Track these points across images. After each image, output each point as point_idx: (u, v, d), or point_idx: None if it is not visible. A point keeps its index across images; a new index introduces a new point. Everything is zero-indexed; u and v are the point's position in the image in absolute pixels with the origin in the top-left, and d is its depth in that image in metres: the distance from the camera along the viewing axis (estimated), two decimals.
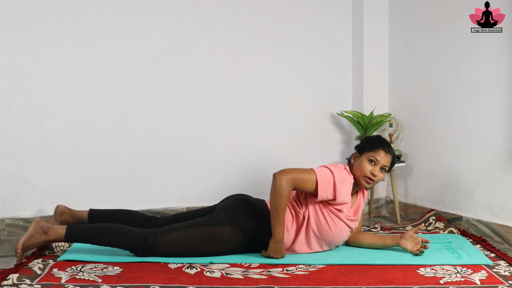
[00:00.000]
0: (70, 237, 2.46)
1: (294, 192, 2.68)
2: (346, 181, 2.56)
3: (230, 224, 2.53)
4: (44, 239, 2.44)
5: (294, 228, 2.58)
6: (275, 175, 2.50)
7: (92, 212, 2.80)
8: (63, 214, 2.79)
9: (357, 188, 2.69)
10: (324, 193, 2.51)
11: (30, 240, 2.42)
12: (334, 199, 2.53)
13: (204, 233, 2.50)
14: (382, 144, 2.64)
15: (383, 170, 2.63)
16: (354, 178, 2.63)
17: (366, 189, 2.77)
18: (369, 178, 2.60)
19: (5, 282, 2.11)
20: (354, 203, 2.70)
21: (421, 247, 2.58)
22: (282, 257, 2.51)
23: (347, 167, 2.66)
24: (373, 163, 2.61)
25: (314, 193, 2.54)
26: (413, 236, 2.61)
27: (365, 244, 2.73)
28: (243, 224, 2.54)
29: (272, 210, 2.49)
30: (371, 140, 2.68)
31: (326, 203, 2.56)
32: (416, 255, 2.57)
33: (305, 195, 2.62)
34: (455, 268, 2.37)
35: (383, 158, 2.61)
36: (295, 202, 2.63)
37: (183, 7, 3.40)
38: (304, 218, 2.58)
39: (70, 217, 2.79)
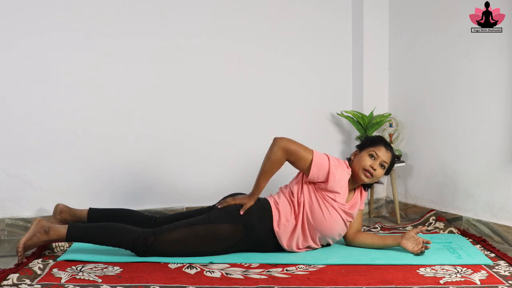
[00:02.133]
0: (71, 237, 2.46)
1: (292, 183, 2.68)
2: (341, 169, 2.59)
3: (230, 221, 2.53)
4: (45, 238, 2.44)
5: (293, 217, 2.59)
6: (275, 140, 2.56)
7: (92, 211, 2.80)
8: (62, 213, 2.80)
9: (354, 185, 2.70)
10: (316, 172, 2.53)
11: (32, 239, 2.42)
12: (326, 181, 2.54)
13: (205, 231, 2.50)
14: (383, 141, 2.70)
15: (383, 167, 2.66)
16: (353, 173, 2.65)
17: (365, 189, 2.77)
18: (368, 172, 2.62)
19: (5, 282, 2.11)
20: (350, 199, 2.71)
21: (422, 247, 2.58)
22: (243, 205, 2.55)
23: (347, 163, 2.69)
24: (373, 158, 2.65)
25: (306, 172, 2.56)
26: (414, 237, 2.61)
27: (366, 244, 2.73)
28: (244, 220, 2.54)
29: (260, 170, 2.58)
30: (372, 138, 2.75)
31: (319, 188, 2.57)
32: (417, 255, 2.57)
33: (301, 182, 2.62)
34: (455, 268, 2.37)
35: (383, 154, 2.65)
36: (291, 191, 2.64)
37: (183, 7, 3.40)
38: (299, 204, 2.58)
39: (70, 216, 2.79)
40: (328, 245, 2.74)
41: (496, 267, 2.39)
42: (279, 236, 2.58)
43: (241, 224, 2.54)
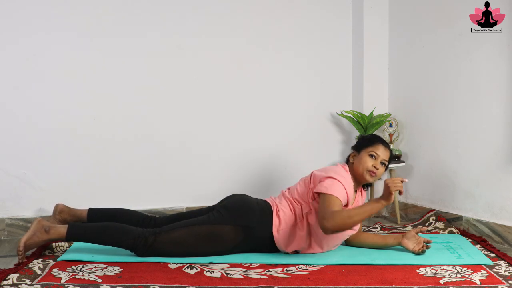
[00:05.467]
0: (71, 236, 2.46)
1: (295, 192, 2.67)
2: (350, 185, 2.58)
3: (231, 222, 2.53)
4: (45, 238, 2.44)
5: (294, 225, 2.58)
6: (326, 226, 2.37)
7: (92, 211, 2.81)
8: (62, 213, 2.80)
9: (358, 186, 2.71)
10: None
11: (32, 239, 2.43)
12: (347, 205, 2.56)
13: (205, 232, 2.50)
14: (380, 139, 2.70)
15: (383, 165, 2.66)
16: (356, 175, 2.65)
17: (364, 189, 2.77)
18: (371, 172, 2.62)
19: (5, 282, 2.11)
20: (353, 202, 2.71)
21: (422, 246, 2.58)
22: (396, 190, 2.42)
23: (346, 167, 2.68)
24: (373, 157, 2.64)
25: None
26: (415, 236, 2.62)
27: (366, 243, 2.73)
28: (244, 222, 2.54)
29: (359, 218, 2.40)
30: (368, 137, 2.74)
31: None
32: (418, 254, 2.57)
33: (307, 194, 2.61)
34: (455, 268, 2.38)
35: (382, 152, 2.65)
36: (295, 201, 2.63)
37: (183, 7, 3.39)
38: (303, 216, 2.57)
39: (69, 216, 2.80)
40: None
41: (496, 267, 2.39)
42: (278, 242, 2.57)
43: (241, 226, 2.54)
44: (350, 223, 2.36)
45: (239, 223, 2.54)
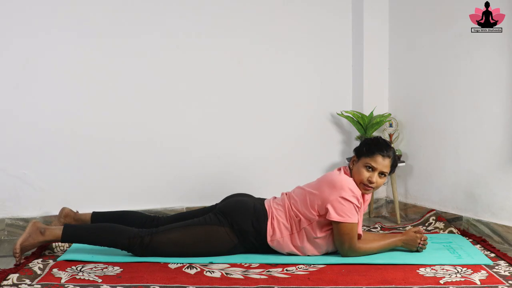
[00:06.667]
0: (66, 238, 2.47)
1: (295, 203, 2.57)
2: (359, 195, 2.50)
3: (225, 225, 2.52)
4: (41, 239, 2.45)
5: (290, 235, 2.55)
6: (348, 255, 2.51)
7: (95, 214, 2.80)
8: (67, 217, 2.81)
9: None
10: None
11: (28, 240, 2.43)
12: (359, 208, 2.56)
13: (201, 233, 2.50)
14: (379, 148, 2.53)
15: (383, 175, 2.54)
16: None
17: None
18: (367, 186, 2.52)
19: (5, 282, 2.11)
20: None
21: (424, 238, 2.61)
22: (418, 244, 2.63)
23: (348, 171, 2.60)
24: (370, 169, 2.52)
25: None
26: (414, 233, 2.62)
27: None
28: (238, 226, 2.52)
29: (374, 251, 2.57)
30: (368, 144, 2.58)
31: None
32: (418, 250, 2.59)
33: (307, 210, 2.52)
34: (455, 268, 2.38)
35: (380, 163, 2.51)
36: (294, 213, 2.55)
37: (183, 7, 3.39)
38: (300, 229, 2.53)
39: (74, 220, 2.81)
40: None
41: (496, 267, 2.39)
42: (273, 247, 2.56)
43: (236, 230, 2.52)
44: (369, 254, 2.56)
45: (233, 226, 2.53)
